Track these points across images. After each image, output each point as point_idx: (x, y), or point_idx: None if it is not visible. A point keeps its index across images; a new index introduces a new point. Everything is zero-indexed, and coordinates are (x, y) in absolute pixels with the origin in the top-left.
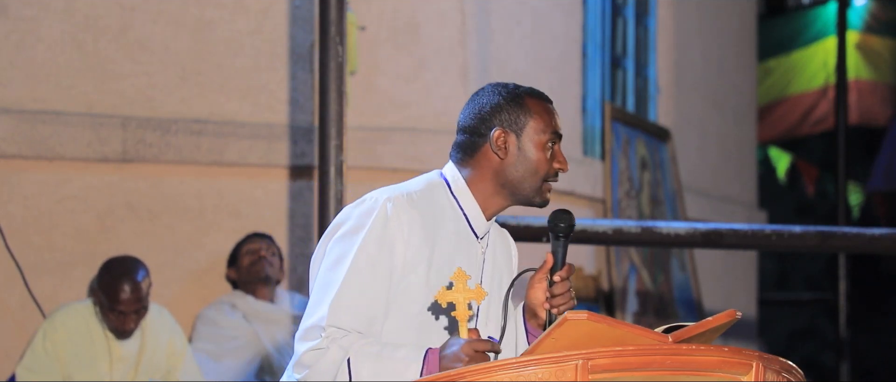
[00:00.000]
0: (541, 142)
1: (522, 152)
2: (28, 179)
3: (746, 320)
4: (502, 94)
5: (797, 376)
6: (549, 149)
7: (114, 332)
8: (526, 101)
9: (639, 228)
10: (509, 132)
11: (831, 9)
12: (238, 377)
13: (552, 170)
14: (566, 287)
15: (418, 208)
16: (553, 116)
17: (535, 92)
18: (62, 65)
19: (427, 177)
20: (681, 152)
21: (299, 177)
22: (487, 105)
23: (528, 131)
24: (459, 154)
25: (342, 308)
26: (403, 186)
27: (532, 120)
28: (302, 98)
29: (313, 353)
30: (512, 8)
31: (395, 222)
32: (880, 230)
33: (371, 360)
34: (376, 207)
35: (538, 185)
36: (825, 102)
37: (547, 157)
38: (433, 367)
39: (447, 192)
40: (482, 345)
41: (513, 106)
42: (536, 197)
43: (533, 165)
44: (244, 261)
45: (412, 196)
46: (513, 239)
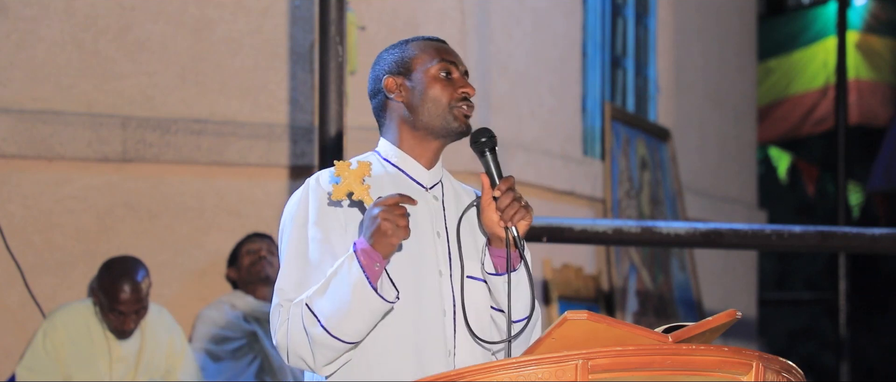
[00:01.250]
0: (430, 73)
1: (416, 88)
2: (28, 179)
3: (746, 320)
4: (388, 49)
5: (797, 376)
6: (443, 77)
7: (114, 332)
8: (408, 43)
9: (639, 228)
10: (398, 76)
11: (831, 9)
12: (238, 377)
13: (455, 95)
14: (510, 198)
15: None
16: (440, 49)
17: (422, 36)
18: (62, 65)
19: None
20: (681, 152)
21: (299, 177)
22: (377, 64)
23: (416, 69)
24: (377, 120)
25: (287, 284)
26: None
27: (415, 57)
28: (302, 98)
29: (281, 330)
30: (512, 8)
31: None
32: (880, 230)
33: (320, 291)
34: (300, 189)
35: (445, 111)
36: (825, 102)
37: (443, 85)
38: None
39: (379, 159)
40: (389, 199)
41: (396, 52)
42: (452, 124)
43: (431, 95)
44: (244, 261)
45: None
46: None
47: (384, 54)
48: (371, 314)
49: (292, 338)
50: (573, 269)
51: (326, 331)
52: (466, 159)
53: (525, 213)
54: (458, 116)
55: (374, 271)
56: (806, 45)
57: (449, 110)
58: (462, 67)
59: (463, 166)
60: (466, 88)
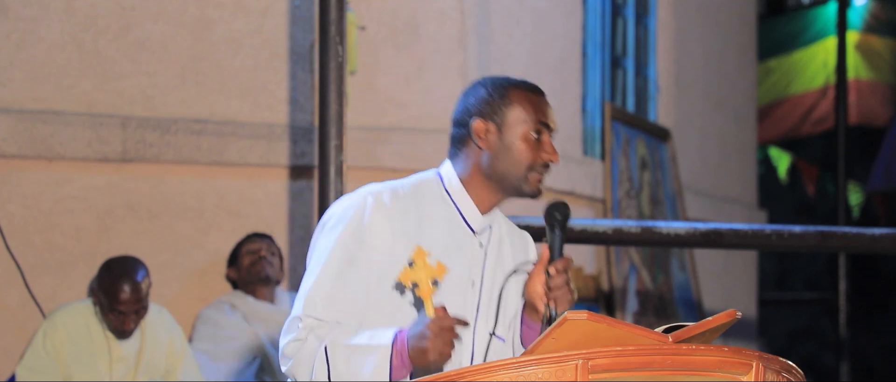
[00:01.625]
0: (524, 132)
1: (504, 142)
2: (28, 179)
3: (746, 320)
4: (487, 85)
5: (797, 376)
6: (533, 139)
7: (114, 332)
8: (509, 91)
9: (639, 228)
10: (490, 122)
11: (831, 9)
12: (238, 377)
13: (538, 160)
14: (563, 280)
15: (403, 201)
16: (539, 107)
17: (522, 83)
18: (62, 65)
19: (421, 174)
20: (681, 152)
21: (299, 177)
22: (472, 97)
23: (510, 121)
24: (451, 149)
25: (318, 299)
26: (393, 182)
27: (513, 109)
28: (302, 98)
29: (293, 344)
30: (512, 8)
31: (376, 215)
32: (880, 230)
33: (345, 346)
34: (358, 201)
35: (523, 174)
36: (825, 101)
37: (531, 147)
38: (402, 348)
39: (440, 187)
40: (447, 321)
41: (494, 96)
42: (524, 186)
43: (515, 155)
44: (244, 261)
45: (398, 191)
46: (533, 240)
47: (481, 89)
48: None
49: (299, 360)
50: (573, 269)
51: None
52: None
53: (570, 299)
54: (534, 181)
55: (400, 372)
56: (806, 45)
57: (527, 172)
58: (554, 126)
59: None
60: (552, 157)
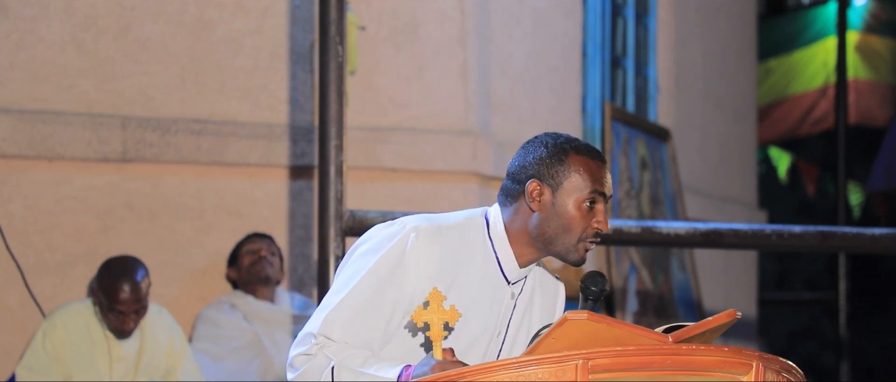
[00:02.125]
0: (578, 200)
1: (556, 207)
2: (28, 179)
3: (746, 320)
4: (547, 145)
5: (797, 376)
6: (587, 207)
7: (113, 332)
8: (569, 155)
9: (639, 228)
10: (545, 186)
11: (831, 9)
12: (238, 377)
13: (589, 230)
14: None
15: (444, 242)
16: (597, 175)
17: (584, 148)
18: (62, 65)
19: (469, 213)
20: (681, 152)
21: (299, 177)
22: (531, 154)
23: (566, 187)
24: (503, 197)
25: (337, 322)
26: (440, 217)
27: (571, 176)
28: (302, 98)
29: (302, 357)
30: (512, 8)
31: (414, 253)
32: (880, 230)
33: (353, 371)
34: (400, 233)
35: (572, 243)
36: (825, 101)
37: (583, 215)
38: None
39: (484, 231)
40: (451, 366)
41: (553, 159)
42: (570, 255)
43: (566, 222)
44: (244, 261)
45: (442, 230)
46: (563, 291)
47: (541, 148)
48: None
49: (305, 373)
50: (573, 269)
51: None
52: None
53: None
54: (582, 249)
55: None
56: (806, 45)
57: (576, 241)
58: (609, 194)
59: None
60: (602, 226)
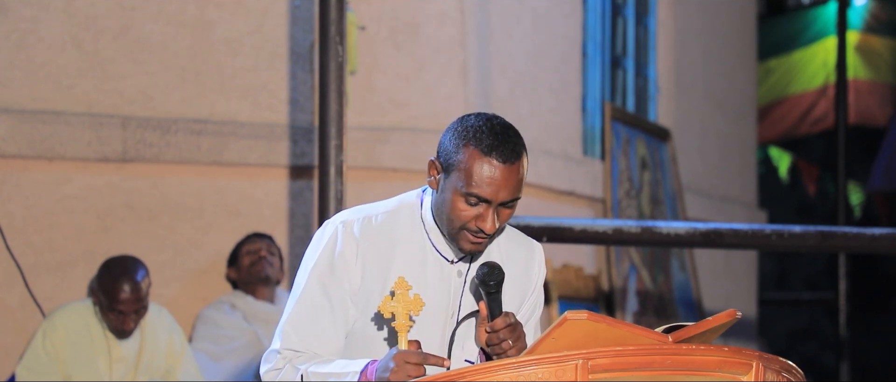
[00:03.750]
0: (461, 194)
1: (443, 192)
2: (28, 179)
3: (746, 320)
4: (457, 128)
5: (797, 376)
6: (469, 205)
7: (113, 332)
8: (467, 147)
9: (639, 228)
10: (440, 166)
11: (831, 9)
12: (238, 377)
13: (471, 224)
14: (499, 339)
15: (373, 232)
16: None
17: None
18: (62, 65)
19: (403, 197)
20: (681, 152)
21: (299, 177)
22: (446, 131)
23: (453, 177)
24: None
25: (294, 333)
26: (370, 206)
27: (459, 167)
28: (302, 98)
29: (271, 373)
30: (512, 8)
31: (346, 246)
32: (880, 230)
33: (319, 374)
34: (329, 230)
35: (454, 231)
36: (824, 101)
37: (465, 208)
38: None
39: (417, 213)
40: (413, 357)
41: (452, 144)
42: (454, 243)
43: (447, 210)
44: (244, 261)
45: (371, 220)
46: (541, 252)
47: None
48: None
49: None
50: (573, 269)
51: None
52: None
53: (513, 353)
54: (464, 240)
55: None
56: (806, 45)
57: (458, 231)
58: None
59: None
60: (484, 224)
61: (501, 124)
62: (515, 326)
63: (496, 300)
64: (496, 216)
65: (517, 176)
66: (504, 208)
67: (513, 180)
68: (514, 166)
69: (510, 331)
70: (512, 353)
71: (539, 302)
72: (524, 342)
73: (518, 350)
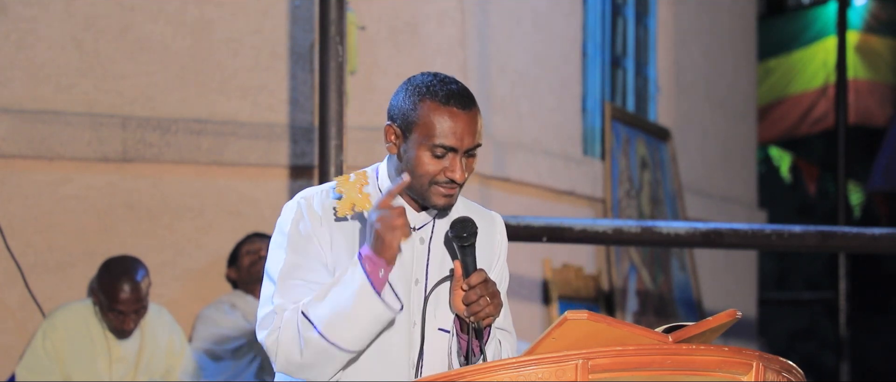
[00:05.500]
0: (427, 148)
1: (406, 152)
2: (28, 179)
3: (746, 320)
4: (408, 87)
5: (797, 376)
6: (436, 156)
7: (113, 332)
8: (422, 102)
9: (639, 228)
10: (398, 128)
11: (831, 9)
12: (237, 377)
13: (440, 176)
14: (477, 295)
15: (332, 205)
16: (446, 128)
17: (441, 94)
18: (62, 65)
19: (361, 170)
20: (681, 152)
21: (299, 177)
22: (395, 94)
23: (415, 134)
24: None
25: (285, 294)
26: (327, 184)
27: (419, 125)
28: (302, 98)
29: (274, 334)
30: (512, 8)
31: (311, 219)
32: (880, 230)
33: (319, 297)
34: (292, 208)
35: (424, 188)
36: (824, 101)
37: (431, 161)
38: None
39: (375, 182)
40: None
41: (406, 102)
42: (427, 200)
43: (413, 167)
44: (244, 261)
45: (328, 193)
46: (502, 223)
47: (400, 93)
48: (373, 322)
49: (284, 342)
50: (573, 269)
51: (322, 337)
52: None
53: (492, 310)
54: (436, 196)
55: (378, 278)
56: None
57: (429, 187)
58: (462, 147)
59: None
60: (453, 174)
61: (450, 77)
62: (490, 281)
63: (471, 255)
64: (463, 165)
65: (477, 122)
66: (469, 157)
67: (474, 125)
68: (472, 112)
69: (486, 286)
70: (490, 310)
71: (505, 273)
72: (500, 299)
73: (495, 306)
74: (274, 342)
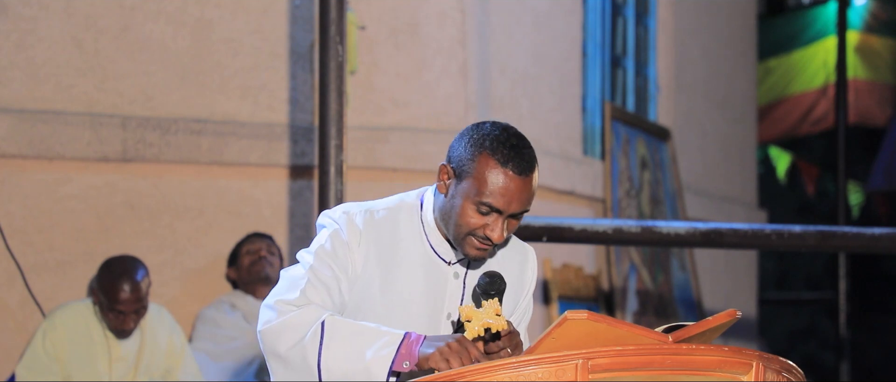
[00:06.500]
0: (473, 201)
1: (453, 197)
2: (28, 179)
3: (746, 320)
4: (473, 134)
5: (797, 375)
6: (480, 212)
7: (113, 332)
8: (481, 154)
9: (639, 227)
10: (452, 172)
11: (831, 9)
12: (237, 377)
13: (479, 231)
14: (499, 348)
15: (376, 225)
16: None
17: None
18: (62, 65)
19: (403, 196)
20: (681, 152)
21: (299, 177)
22: (460, 136)
23: (466, 184)
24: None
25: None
26: (370, 203)
27: (473, 174)
28: (302, 98)
29: (288, 305)
30: (512, 8)
31: (349, 234)
32: (880, 230)
33: (350, 325)
34: (335, 217)
35: (461, 237)
36: (824, 101)
37: (474, 215)
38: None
39: (416, 214)
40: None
41: (468, 150)
42: (460, 248)
43: (456, 215)
44: (244, 261)
45: (373, 214)
46: (534, 257)
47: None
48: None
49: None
50: (573, 269)
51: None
52: None
53: None
54: (471, 246)
55: (400, 363)
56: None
57: (463, 238)
58: (508, 211)
59: None
60: (492, 233)
61: (517, 135)
62: (514, 334)
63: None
64: (505, 227)
65: (530, 189)
66: (513, 219)
67: (526, 192)
68: (528, 179)
69: (509, 340)
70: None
71: (530, 305)
72: (522, 349)
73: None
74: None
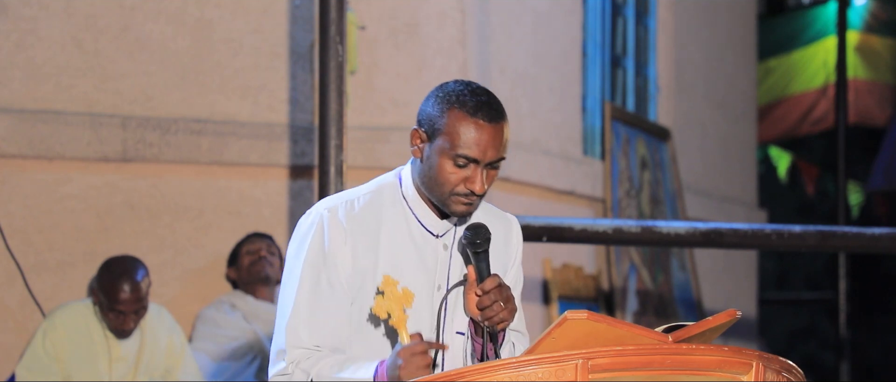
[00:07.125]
0: (449, 156)
1: (429, 158)
2: (28, 179)
3: (746, 320)
4: (437, 94)
5: (797, 375)
6: (458, 167)
7: (113, 332)
8: (450, 110)
9: (639, 227)
10: (424, 134)
11: (831, 9)
12: (237, 377)
13: (460, 187)
14: (491, 300)
15: (358, 215)
16: (470, 138)
17: (471, 104)
18: (62, 65)
19: (383, 178)
20: (681, 152)
21: (299, 177)
22: (425, 100)
23: (439, 141)
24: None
25: (299, 328)
26: (349, 192)
27: (446, 132)
28: (302, 98)
29: (281, 379)
30: (512, 8)
31: (333, 232)
32: (880, 230)
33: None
34: (314, 219)
35: (444, 196)
36: (824, 101)
37: (453, 171)
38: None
39: (397, 191)
40: (418, 348)
41: (435, 109)
42: (446, 208)
43: (435, 174)
44: (244, 261)
45: (353, 204)
46: (518, 225)
47: (430, 98)
48: None
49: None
50: (573, 269)
51: None
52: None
53: (506, 315)
54: (456, 203)
55: None
56: (806, 44)
57: (448, 196)
58: (484, 159)
59: None
60: (473, 185)
61: (481, 88)
62: (504, 286)
63: (484, 261)
64: (484, 176)
65: (503, 135)
66: (491, 169)
67: (499, 139)
68: (499, 126)
69: (500, 292)
70: (503, 315)
71: (520, 276)
72: (514, 304)
73: (509, 311)
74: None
